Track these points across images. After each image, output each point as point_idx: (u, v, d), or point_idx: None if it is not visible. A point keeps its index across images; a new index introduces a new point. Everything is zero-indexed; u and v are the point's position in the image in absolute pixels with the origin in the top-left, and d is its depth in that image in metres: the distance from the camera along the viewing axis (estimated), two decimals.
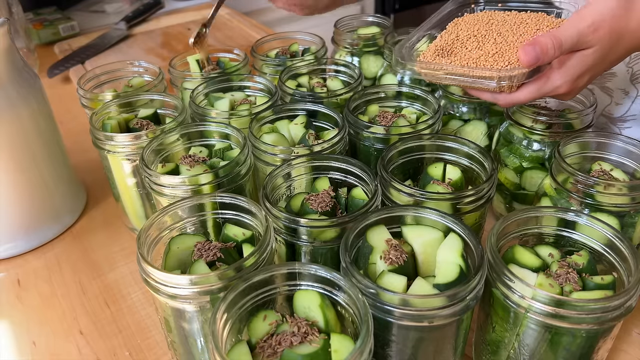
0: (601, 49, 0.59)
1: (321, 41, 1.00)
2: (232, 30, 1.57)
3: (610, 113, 0.85)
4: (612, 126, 0.87)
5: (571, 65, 0.60)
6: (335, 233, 0.56)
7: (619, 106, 0.84)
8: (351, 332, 0.49)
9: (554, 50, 0.57)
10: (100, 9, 1.73)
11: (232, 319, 0.47)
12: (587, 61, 0.60)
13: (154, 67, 0.92)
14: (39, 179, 0.80)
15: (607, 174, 0.66)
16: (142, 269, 0.51)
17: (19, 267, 0.80)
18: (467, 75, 0.62)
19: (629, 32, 0.59)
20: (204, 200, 0.59)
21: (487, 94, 0.65)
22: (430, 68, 0.65)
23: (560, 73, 0.60)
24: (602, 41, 0.58)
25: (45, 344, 0.67)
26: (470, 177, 0.67)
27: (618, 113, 0.85)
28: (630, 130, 0.85)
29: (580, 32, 0.58)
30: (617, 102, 0.84)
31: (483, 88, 0.63)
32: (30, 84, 0.78)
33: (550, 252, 0.56)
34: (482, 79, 0.61)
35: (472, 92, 0.67)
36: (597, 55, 0.59)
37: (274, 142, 0.70)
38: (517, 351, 0.53)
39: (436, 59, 0.66)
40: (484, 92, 0.65)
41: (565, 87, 0.61)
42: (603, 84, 0.85)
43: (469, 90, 0.67)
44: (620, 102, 0.84)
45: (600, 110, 0.86)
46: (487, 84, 0.61)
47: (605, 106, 0.86)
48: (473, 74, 0.62)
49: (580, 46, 0.59)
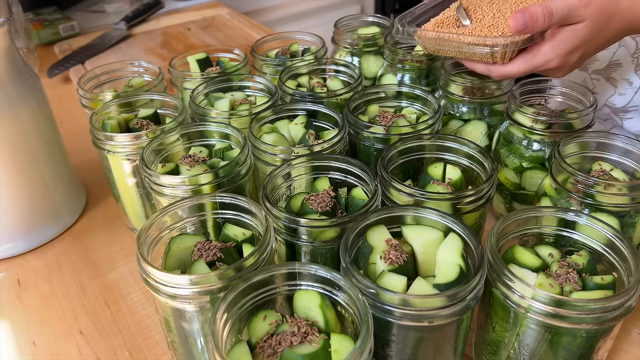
0: (592, 24, 0.60)
1: (321, 41, 1.00)
2: (232, 30, 1.57)
3: (613, 104, 0.86)
4: (614, 117, 0.87)
5: (562, 39, 0.61)
6: (335, 233, 0.56)
7: (622, 97, 0.85)
8: (351, 332, 0.49)
9: (543, 18, 0.59)
10: (100, 9, 1.73)
11: (232, 319, 0.47)
12: (578, 36, 0.61)
13: (154, 67, 0.92)
14: (39, 179, 0.80)
15: (607, 174, 0.66)
16: (142, 269, 0.51)
17: (19, 267, 0.80)
18: (462, 42, 0.64)
19: (620, 12, 0.60)
20: (204, 200, 0.59)
21: (481, 65, 0.67)
22: (428, 36, 0.68)
23: (551, 46, 0.62)
24: (593, 16, 0.59)
25: (45, 344, 0.67)
26: (470, 177, 0.67)
27: (621, 103, 0.85)
28: (632, 122, 0.85)
29: (571, 5, 0.59)
30: (621, 92, 0.85)
31: (476, 59, 0.65)
32: (30, 84, 0.78)
33: (550, 252, 0.56)
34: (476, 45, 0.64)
35: (467, 63, 0.69)
36: (587, 31, 0.60)
37: (274, 142, 0.70)
38: (517, 351, 0.53)
39: (436, 29, 0.70)
40: (478, 63, 0.67)
41: (556, 61, 0.62)
42: (609, 74, 0.85)
43: (464, 62, 0.69)
44: (624, 93, 0.85)
45: (604, 100, 0.87)
46: (480, 50, 0.63)
47: (609, 96, 0.86)
48: (467, 41, 0.64)
49: (571, 19, 0.60)
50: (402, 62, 0.92)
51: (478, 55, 0.65)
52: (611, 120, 0.88)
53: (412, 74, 0.93)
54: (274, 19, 2.02)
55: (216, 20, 1.64)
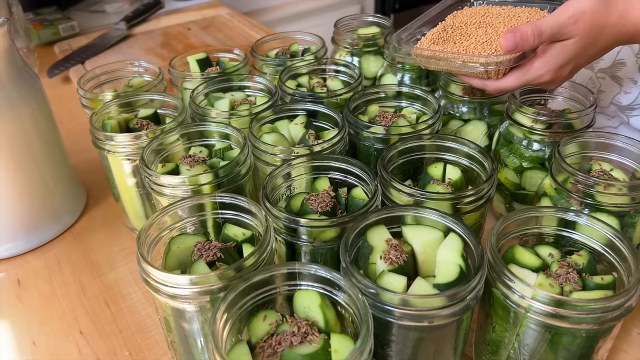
0: (581, 40, 0.62)
1: (321, 41, 1.00)
2: (232, 30, 1.57)
3: (619, 101, 0.88)
4: (620, 114, 0.90)
5: (552, 55, 0.63)
6: (335, 233, 0.56)
7: (627, 95, 0.87)
8: (351, 332, 0.49)
9: (533, 37, 0.61)
10: (100, 9, 1.73)
11: (232, 319, 0.47)
12: (568, 51, 0.62)
13: (154, 67, 0.92)
14: (39, 179, 0.80)
15: (607, 174, 0.66)
16: (142, 269, 0.51)
17: (19, 267, 0.80)
18: (456, 59, 0.66)
19: (609, 26, 0.62)
20: (204, 200, 0.59)
21: (476, 80, 0.69)
22: (423, 54, 0.70)
23: (542, 62, 0.64)
24: (582, 32, 0.61)
25: (45, 344, 0.67)
26: (470, 177, 0.67)
27: (626, 101, 0.87)
28: (638, 119, 0.87)
29: (560, 23, 0.61)
30: (626, 90, 0.87)
31: (471, 74, 0.67)
32: (30, 84, 0.78)
33: (550, 252, 0.56)
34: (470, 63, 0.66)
35: (463, 78, 0.71)
36: (577, 46, 0.62)
37: (274, 142, 0.70)
38: (517, 351, 0.53)
39: (431, 46, 0.71)
40: (473, 78, 0.69)
41: (548, 75, 0.64)
42: (614, 73, 0.88)
43: (460, 76, 0.71)
44: (629, 91, 0.87)
45: (610, 98, 0.88)
46: (474, 67, 0.65)
47: (615, 94, 0.89)
48: (462, 59, 0.66)
49: (561, 37, 0.62)
50: (402, 62, 0.92)
51: (472, 72, 0.67)
52: (618, 118, 0.89)
53: (412, 74, 0.93)
54: (274, 19, 2.02)
55: (216, 20, 1.64)
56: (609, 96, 0.89)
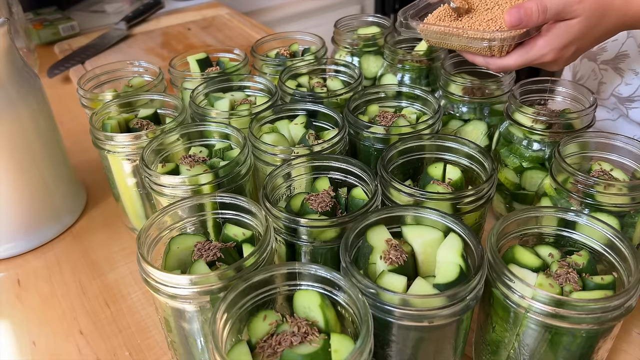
0: (586, 20, 0.62)
1: (321, 41, 1.00)
2: (232, 30, 1.57)
3: (619, 93, 0.88)
4: (620, 106, 0.90)
5: (556, 34, 0.63)
6: (335, 233, 0.56)
7: (628, 86, 0.88)
8: (351, 332, 0.49)
9: (537, 14, 0.61)
10: (100, 9, 1.73)
11: (232, 319, 0.47)
12: (573, 31, 0.62)
13: (154, 67, 0.92)
14: (39, 179, 0.80)
15: (607, 174, 0.66)
16: (142, 269, 0.51)
17: (19, 267, 0.80)
18: (461, 36, 0.67)
19: (614, 8, 0.62)
20: (204, 200, 0.59)
21: (480, 58, 0.69)
22: (430, 29, 0.71)
23: (546, 40, 0.64)
24: (587, 12, 0.61)
25: (45, 344, 0.67)
26: (470, 177, 0.67)
27: (627, 93, 0.88)
28: (637, 111, 0.88)
29: (565, 2, 0.61)
30: (627, 82, 0.87)
31: (475, 51, 0.68)
32: (30, 84, 0.78)
33: (550, 252, 0.56)
34: (475, 39, 0.67)
35: (467, 56, 0.72)
36: (582, 26, 0.62)
37: (274, 142, 0.70)
38: (517, 351, 0.53)
39: (437, 22, 0.73)
40: (477, 56, 0.69)
41: (551, 55, 0.64)
42: (616, 64, 0.88)
43: (464, 54, 0.72)
44: (630, 83, 0.87)
45: (611, 90, 0.88)
46: (479, 43, 0.66)
47: (616, 86, 0.89)
48: (466, 35, 0.67)
49: (566, 15, 0.62)
50: (402, 62, 0.92)
51: (477, 48, 0.68)
52: (617, 110, 0.90)
53: (412, 74, 0.93)
54: (274, 19, 2.02)
55: (216, 20, 1.64)
56: (610, 88, 0.89)
